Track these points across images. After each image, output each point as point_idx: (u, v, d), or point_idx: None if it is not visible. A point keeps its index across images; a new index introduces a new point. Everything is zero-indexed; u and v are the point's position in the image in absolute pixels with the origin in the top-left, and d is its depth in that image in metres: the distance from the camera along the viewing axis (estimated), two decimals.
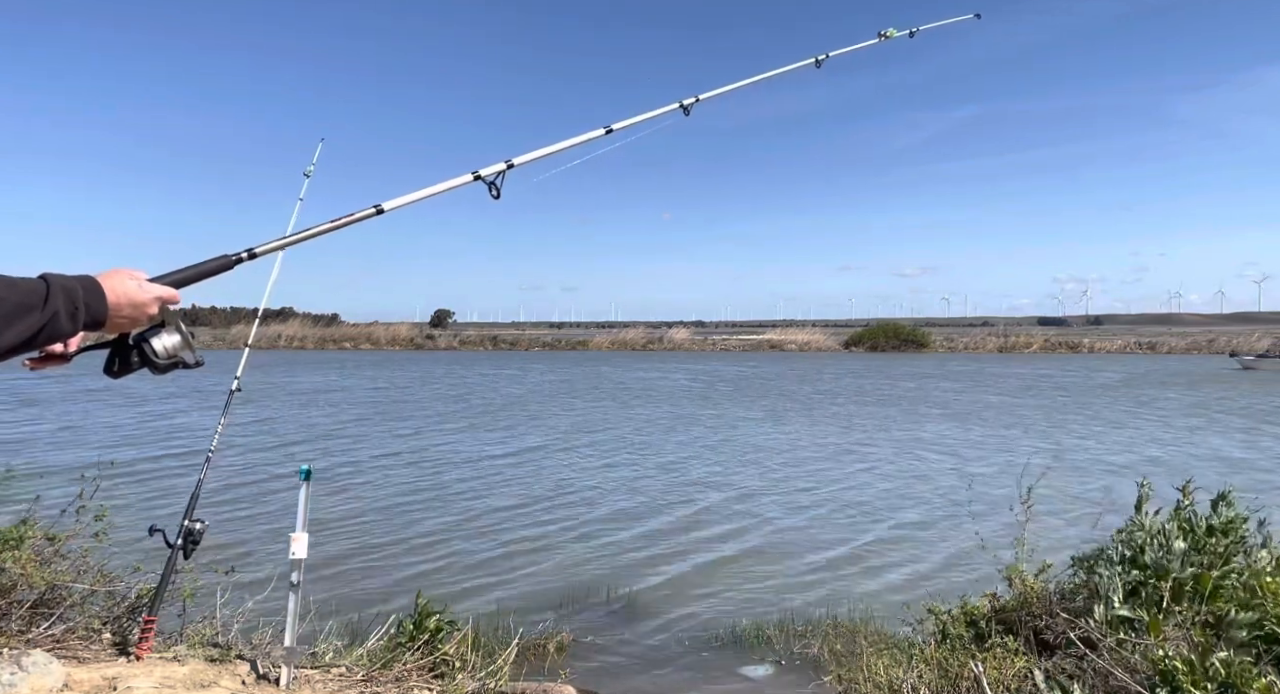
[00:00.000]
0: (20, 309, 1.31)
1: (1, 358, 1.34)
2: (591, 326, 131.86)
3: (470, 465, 14.07)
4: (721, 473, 13.54)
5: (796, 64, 3.40)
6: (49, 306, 1.34)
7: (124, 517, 6.06)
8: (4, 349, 1.31)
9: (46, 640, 3.86)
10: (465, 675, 3.96)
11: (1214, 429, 18.90)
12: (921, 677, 3.38)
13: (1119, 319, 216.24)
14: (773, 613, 6.93)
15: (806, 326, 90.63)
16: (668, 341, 67.34)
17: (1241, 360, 42.16)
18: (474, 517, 10.40)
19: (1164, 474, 10.89)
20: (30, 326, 1.32)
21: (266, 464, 13.61)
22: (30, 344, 1.34)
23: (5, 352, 1.33)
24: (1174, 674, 2.55)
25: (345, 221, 1.97)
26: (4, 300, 1.31)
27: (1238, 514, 3.50)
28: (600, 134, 2.65)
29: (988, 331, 78.85)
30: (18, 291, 1.33)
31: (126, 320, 1.50)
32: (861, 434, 18.25)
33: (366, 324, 71.21)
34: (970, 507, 9.76)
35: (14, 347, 1.33)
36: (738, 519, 10.41)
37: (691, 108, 2.94)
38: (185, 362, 1.62)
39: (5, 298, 1.31)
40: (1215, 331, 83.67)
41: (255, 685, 3.65)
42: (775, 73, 3.33)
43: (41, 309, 1.33)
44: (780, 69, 3.34)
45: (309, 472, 3.88)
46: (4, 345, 1.31)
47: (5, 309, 1.30)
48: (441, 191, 2.19)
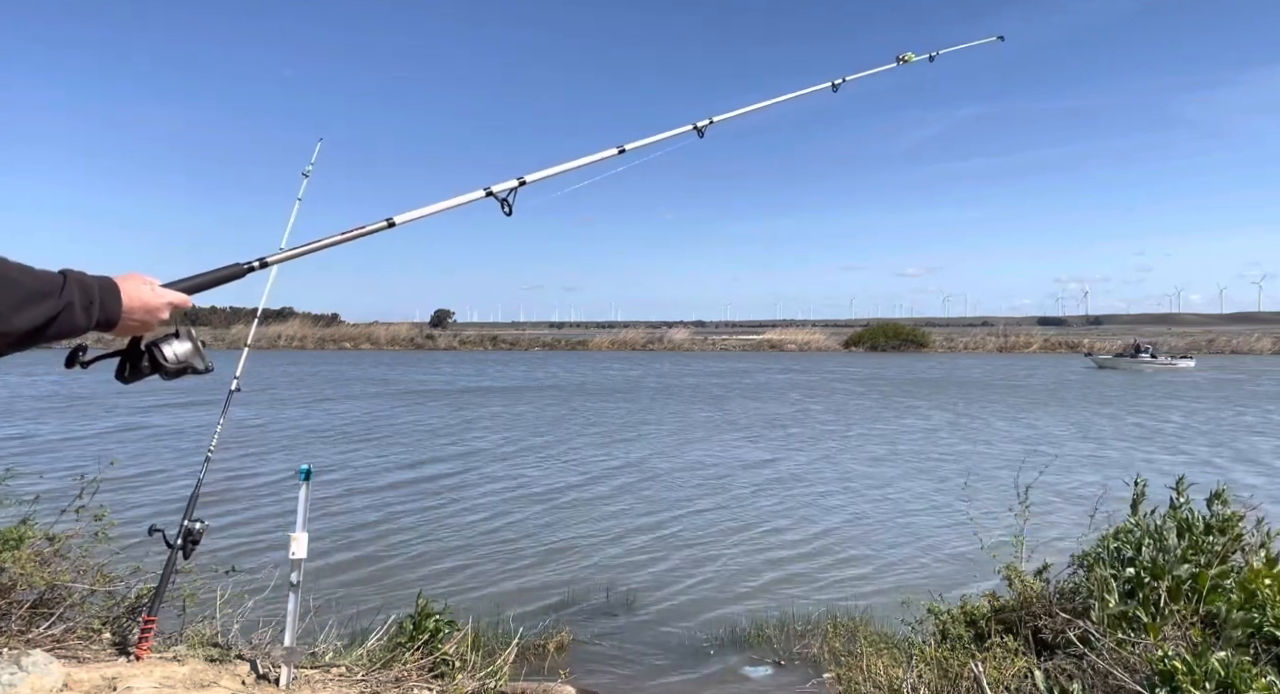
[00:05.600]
0: (35, 295, 1.32)
1: (15, 346, 1.34)
2: (591, 326, 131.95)
3: (470, 465, 14.07)
4: (721, 473, 13.54)
5: (813, 88, 3.37)
6: (64, 296, 1.35)
7: (124, 517, 6.05)
8: (16, 332, 1.31)
9: (46, 640, 3.86)
10: (465, 675, 3.96)
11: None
12: (921, 676, 3.38)
13: (1119, 319, 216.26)
14: (773, 613, 6.93)
15: (806, 327, 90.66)
16: (667, 342, 67.35)
17: (1096, 360, 45.95)
18: (474, 517, 10.40)
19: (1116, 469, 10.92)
20: (43, 313, 1.32)
21: (266, 464, 13.61)
22: (43, 332, 1.34)
23: (18, 337, 1.32)
24: (1173, 674, 2.55)
25: (356, 234, 1.98)
26: (20, 284, 1.31)
27: (1234, 512, 3.50)
28: (613, 153, 2.65)
29: (987, 332, 78.86)
30: (34, 278, 1.33)
31: (138, 323, 1.51)
32: (861, 433, 18.26)
33: (366, 324, 71.23)
34: (970, 506, 9.76)
35: (26, 332, 1.32)
36: (738, 519, 10.41)
37: (705, 129, 2.91)
38: (195, 368, 1.63)
39: (21, 281, 1.31)
40: (1215, 331, 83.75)
41: (255, 685, 3.65)
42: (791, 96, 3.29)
43: (57, 298, 1.34)
44: (797, 92, 3.30)
45: (309, 472, 3.88)
46: (17, 328, 1.30)
47: (20, 293, 1.30)
48: (453, 206, 2.20)
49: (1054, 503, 10.36)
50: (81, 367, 1.55)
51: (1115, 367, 42.98)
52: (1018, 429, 19.27)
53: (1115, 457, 15.10)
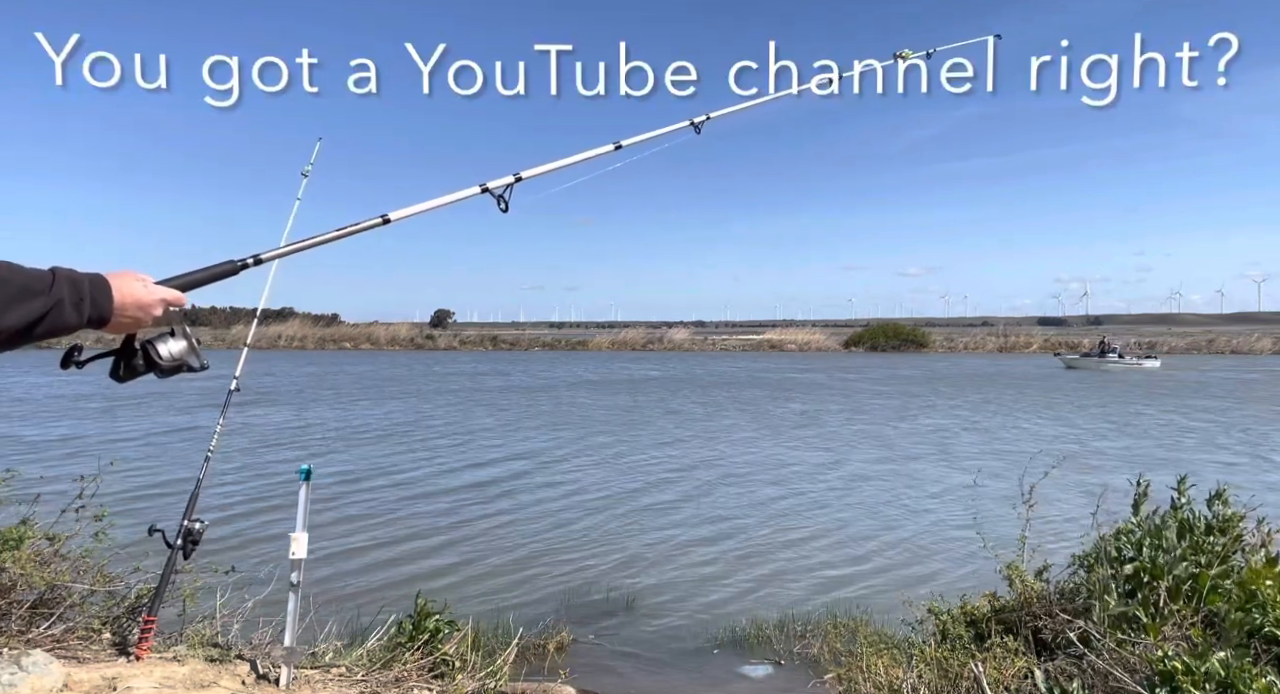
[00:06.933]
0: (24, 293, 1.31)
1: (5, 345, 1.34)
2: (591, 326, 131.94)
3: (470, 466, 14.07)
4: (720, 473, 13.54)
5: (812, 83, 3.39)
6: (54, 294, 1.34)
7: (124, 517, 6.06)
8: (6, 331, 1.31)
9: (46, 640, 3.86)
10: (465, 675, 3.96)
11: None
12: (921, 677, 3.38)
13: (1119, 319, 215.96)
14: (773, 613, 6.92)
15: (806, 326, 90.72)
16: (667, 342, 67.35)
17: (1064, 359, 46.61)
18: (473, 516, 10.40)
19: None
20: (34, 311, 1.32)
21: (266, 464, 13.61)
22: (33, 330, 1.34)
23: (8, 336, 1.32)
24: (1173, 674, 2.55)
25: (351, 230, 1.98)
26: (8, 282, 1.30)
27: (1234, 512, 3.50)
28: (609, 150, 2.66)
29: (987, 332, 78.85)
30: (23, 275, 1.33)
31: (131, 321, 1.50)
32: (860, 431, 18.27)
33: (366, 324, 71.11)
34: (972, 505, 9.76)
35: (16, 330, 1.32)
36: (738, 519, 10.41)
37: (702, 126, 2.93)
38: (190, 366, 1.63)
39: (10, 280, 1.31)
40: (1215, 331, 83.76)
41: (255, 685, 3.65)
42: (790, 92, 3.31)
43: (46, 295, 1.33)
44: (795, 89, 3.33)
45: (309, 471, 3.88)
46: (6, 327, 1.30)
47: (10, 291, 1.30)
48: (449, 203, 2.20)
49: (1054, 503, 10.36)
50: (77, 367, 1.55)
51: (1083, 366, 43.73)
52: (1039, 425, 19.29)
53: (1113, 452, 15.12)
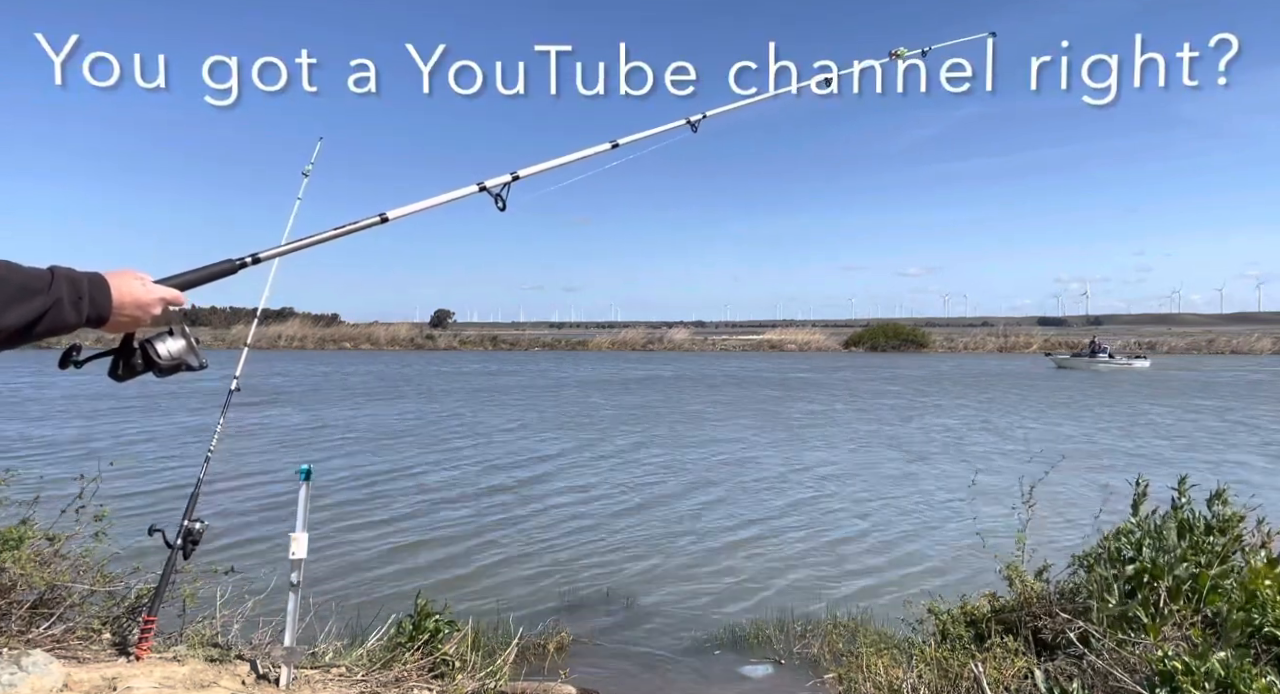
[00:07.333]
0: (23, 292, 1.31)
1: (4, 344, 1.34)
2: (591, 327, 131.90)
3: (469, 465, 14.07)
4: (720, 473, 13.54)
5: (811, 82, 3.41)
6: (52, 292, 1.34)
7: (124, 517, 6.06)
8: (5, 331, 1.31)
9: (46, 640, 3.86)
10: (465, 675, 3.96)
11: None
12: (921, 677, 3.38)
13: (1119, 319, 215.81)
14: (773, 613, 6.92)
15: (806, 327, 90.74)
16: (667, 342, 67.32)
17: (1055, 359, 47.21)
18: (473, 516, 10.40)
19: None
20: (33, 310, 1.32)
21: (266, 464, 13.61)
22: (32, 329, 1.34)
23: (7, 335, 1.32)
24: (1173, 674, 2.55)
25: (349, 229, 1.98)
26: (7, 281, 1.31)
27: (1234, 512, 3.50)
28: (606, 148, 2.66)
29: (987, 332, 78.87)
30: (22, 275, 1.33)
31: (129, 319, 1.50)
32: (859, 432, 18.27)
33: (366, 324, 71.07)
34: (972, 505, 9.76)
35: (15, 329, 1.32)
36: (738, 518, 10.41)
37: (699, 124, 2.94)
38: (189, 365, 1.63)
39: (8, 279, 1.31)
40: (1215, 332, 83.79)
41: (255, 685, 3.65)
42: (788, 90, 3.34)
43: (45, 294, 1.33)
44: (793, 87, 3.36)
45: (309, 471, 3.88)
46: (5, 326, 1.30)
47: (9, 290, 1.30)
48: (446, 202, 2.20)
49: (1054, 503, 10.37)
50: (75, 366, 1.55)
51: (1073, 366, 43.95)
52: (1041, 427, 19.29)
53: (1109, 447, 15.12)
